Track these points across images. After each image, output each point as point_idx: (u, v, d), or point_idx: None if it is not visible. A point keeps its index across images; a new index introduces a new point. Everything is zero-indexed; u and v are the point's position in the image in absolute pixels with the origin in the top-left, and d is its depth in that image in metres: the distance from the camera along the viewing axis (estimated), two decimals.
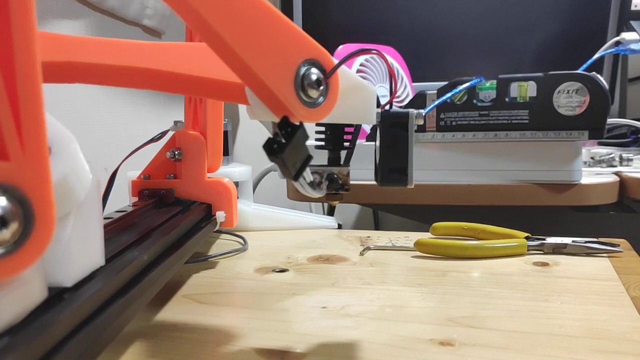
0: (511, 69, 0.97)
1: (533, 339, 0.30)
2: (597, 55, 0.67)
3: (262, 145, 0.23)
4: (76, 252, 0.24)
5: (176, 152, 0.47)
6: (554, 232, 0.49)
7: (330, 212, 1.04)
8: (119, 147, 0.67)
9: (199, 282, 0.42)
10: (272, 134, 0.25)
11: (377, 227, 1.18)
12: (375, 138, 0.33)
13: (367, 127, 0.70)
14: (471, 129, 0.62)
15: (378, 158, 0.33)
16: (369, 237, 0.55)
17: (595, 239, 0.48)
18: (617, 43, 0.73)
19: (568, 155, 0.61)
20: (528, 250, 0.47)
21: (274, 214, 0.61)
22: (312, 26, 1.00)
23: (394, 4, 1.00)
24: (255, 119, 0.28)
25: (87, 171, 0.24)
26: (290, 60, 0.24)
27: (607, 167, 0.75)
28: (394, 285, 0.40)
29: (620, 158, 0.75)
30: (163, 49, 0.32)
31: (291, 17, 1.01)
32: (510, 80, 0.60)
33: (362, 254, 0.49)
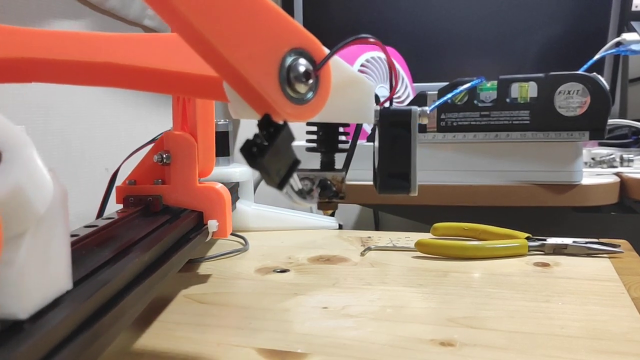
0: (512, 69, 0.97)
1: (534, 339, 0.30)
2: (597, 56, 0.67)
3: (240, 149, 0.19)
4: (34, 276, 0.20)
5: (164, 156, 0.42)
6: (554, 232, 0.49)
7: (331, 213, 1.04)
8: (120, 147, 0.67)
9: (200, 282, 0.42)
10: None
11: (378, 227, 1.18)
12: (374, 138, 0.30)
13: (367, 126, 0.70)
14: (472, 129, 0.62)
15: (377, 162, 0.29)
16: (369, 237, 0.55)
17: (596, 240, 0.48)
18: (618, 44, 0.73)
19: (569, 156, 0.61)
20: (529, 250, 0.47)
21: (274, 214, 0.61)
22: (312, 26, 1.00)
23: (395, 5, 1.00)
24: (238, 117, 0.24)
25: (48, 180, 0.20)
26: (274, 48, 0.20)
27: (608, 167, 0.75)
28: (394, 285, 0.40)
29: (621, 159, 0.76)
30: (130, 41, 0.27)
31: (292, 17, 1.01)
32: (511, 81, 0.61)
33: (362, 254, 0.49)
